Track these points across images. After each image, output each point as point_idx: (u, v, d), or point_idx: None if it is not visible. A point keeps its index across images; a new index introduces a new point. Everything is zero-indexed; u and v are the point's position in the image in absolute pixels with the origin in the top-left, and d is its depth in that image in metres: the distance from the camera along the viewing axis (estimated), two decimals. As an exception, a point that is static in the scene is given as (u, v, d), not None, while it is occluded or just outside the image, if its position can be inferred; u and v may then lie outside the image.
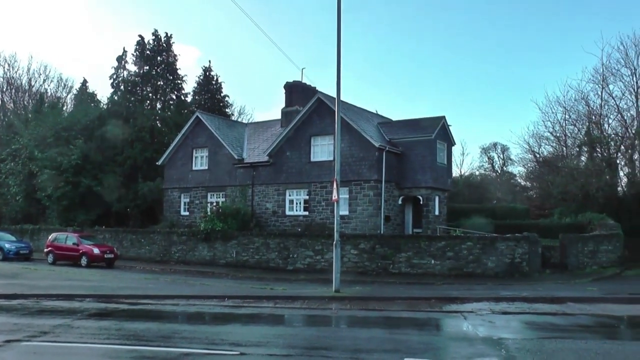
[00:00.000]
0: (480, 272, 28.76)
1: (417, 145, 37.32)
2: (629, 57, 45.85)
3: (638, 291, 23.69)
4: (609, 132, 47.13)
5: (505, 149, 73.26)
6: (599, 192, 42.37)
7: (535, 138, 53.73)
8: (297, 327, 16.61)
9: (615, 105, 47.09)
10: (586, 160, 48.09)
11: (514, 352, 12.25)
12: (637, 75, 45.42)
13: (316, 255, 31.32)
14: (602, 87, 47.72)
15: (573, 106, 49.64)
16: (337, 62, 23.54)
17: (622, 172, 46.98)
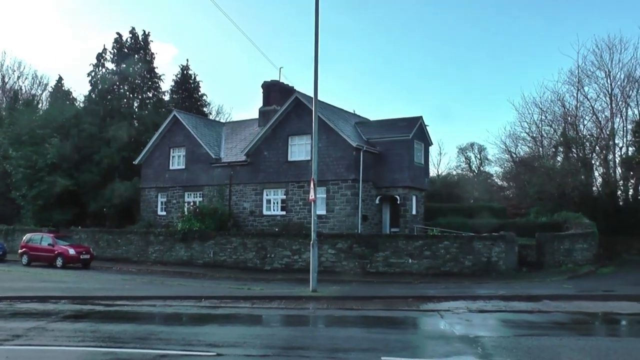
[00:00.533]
0: (458, 271, 28.95)
1: (394, 145, 37.42)
2: (603, 59, 46.63)
3: (612, 289, 24.06)
4: (584, 133, 47.83)
5: (482, 149, 73.79)
6: (575, 191, 42.91)
7: (511, 138, 54.38)
8: (275, 327, 16.65)
9: (590, 107, 47.83)
10: (562, 160, 48.70)
11: (490, 350, 12.36)
12: (612, 78, 46.24)
13: (294, 255, 31.32)
14: (577, 88, 48.49)
15: (549, 107, 50.40)
16: (315, 61, 23.58)
17: (597, 172, 47.68)
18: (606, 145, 46.52)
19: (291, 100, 38.03)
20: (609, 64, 46.49)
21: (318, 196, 32.05)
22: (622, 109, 46.59)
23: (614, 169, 46.85)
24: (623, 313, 19.07)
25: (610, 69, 46.48)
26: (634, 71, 45.97)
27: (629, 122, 46.32)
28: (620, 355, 12.05)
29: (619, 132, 46.92)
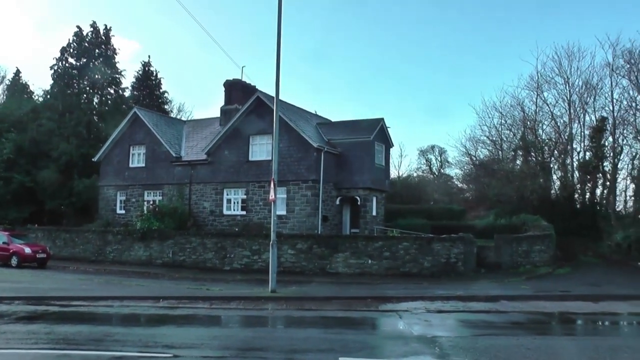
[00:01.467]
0: (417, 272, 29.10)
1: (355, 147, 37.59)
2: (562, 66, 47.77)
3: (569, 289, 24.61)
4: (543, 137, 48.86)
5: (442, 151, 74.41)
6: (533, 194, 43.66)
7: (472, 141, 55.06)
8: (233, 328, 16.58)
9: (549, 112, 48.92)
10: (521, 163, 49.54)
11: (447, 350, 12.47)
12: (570, 85, 47.34)
13: (253, 255, 31.16)
14: (537, 94, 49.60)
15: (509, 111, 51.35)
16: (277, 61, 23.52)
17: (555, 175, 48.76)
18: (564, 150, 47.52)
19: (253, 99, 37.89)
20: (567, 71, 47.66)
21: (278, 196, 32.08)
22: (580, 115, 47.63)
23: (571, 173, 47.83)
24: (579, 312, 19.52)
25: (569, 75, 47.62)
26: (591, 79, 47.13)
27: (586, 128, 47.43)
28: (574, 354, 12.35)
29: (577, 137, 48.01)
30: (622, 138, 45.92)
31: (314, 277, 28.23)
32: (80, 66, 52.63)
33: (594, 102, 47.15)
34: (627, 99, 45.02)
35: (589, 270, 33.48)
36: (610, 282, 28.48)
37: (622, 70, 44.98)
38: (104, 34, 54.45)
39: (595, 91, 46.90)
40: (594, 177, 46.68)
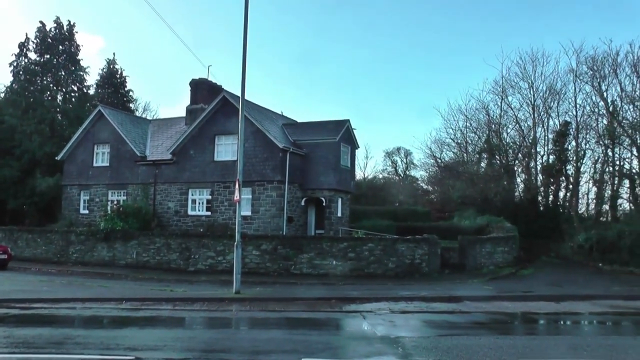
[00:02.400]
0: (381, 273, 29.16)
1: (321, 148, 37.68)
2: (526, 71, 48.68)
3: (531, 289, 24.97)
4: (507, 140, 49.68)
5: (408, 153, 75.01)
6: (497, 196, 44.23)
7: (437, 144, 55.69)
8: (196, 330, 16.40)
9: (513, 116, 49.71)
10: (485, 166, 50.16)
11: (410, 350, 12.54)
12: (534, 89, 48.23)
13: (218, 256, 30.94)
14: (501, 98, 50.42)
15: (474, 115, 52.06)
16: (243, 61, 23.43)
17: (519, 178, 49.57)
18: (528, 153, 48.26)
19: (219, 99, 37.78)
20: (532, 76, 48.56)
21: (244, 197, 32.00)
22: (543, 119, 48.47)
23: (535, 175, 48.58)
24: (541, 312, 19.71)
25: (533, 80, 48.53)
26: (555, 84, 48.10)
27: (550, 132, 48.27)
28: (536, 353, 12.43)
29: (541, 140, 48.83)
30: (584, 142, 46.86)
31: (279, 278, 28.11)
32: (43, 62, 52.09)
33: (558, 107, 48.10)
34: (590, 104, 45.88)
35: (551, 271, 33.89)
36: (572, 282, 28.86)
37: (585, 77, 45.81)
38: (67, 29, 53.87)
39: (559, 96, 47.87)
40: (557, 180, 47.52)
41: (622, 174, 43.70)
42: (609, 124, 43.43)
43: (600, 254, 35.97)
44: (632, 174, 42.39)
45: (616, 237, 35.41)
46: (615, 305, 21.69)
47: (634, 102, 42.31)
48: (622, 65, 43.22)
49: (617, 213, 44.00)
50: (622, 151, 44.41)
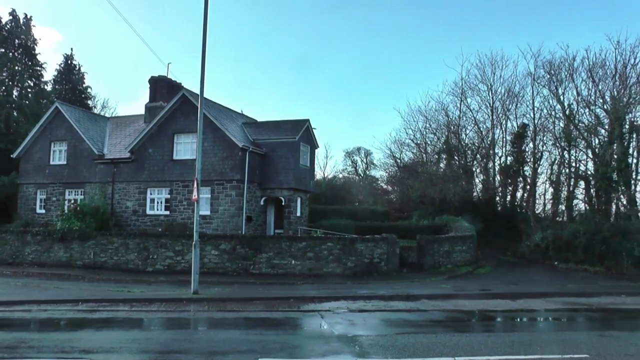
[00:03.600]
0: (340, 272, 29.25)
1: (280, 147, 37.71)
2: (485, 74, 49.51)
3: (488, 287, 25.44)
4: (466, 141, 50.39)
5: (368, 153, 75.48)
6: (456, 196, 44.73)
7: (397, 144, 56.11)
8: (153, 331, 16.28)
9: (472, 117, 50.40)
10: (444, 166, 50.77)
11: (367, 348, 12.68)
12: (493, 92, 48.99)
13: (177, 256, 30.63)
14: (461, 99, 51.17)
15: (433, 116, 52.67)
16: (202, 59, 23.29)
17: (477, 178, 50.29)
18: (486, 154, 48.96)
19: (178, 97, 37.53)
20: (491, 79, 49.41)
21: (203, 196, 31.94)
22: (502, 121, 49.25)
23: (493, 176, 49.32)
24: (497, 310, 20.12)
25: (492, 83, 49.40)
26: (513, 87, 48.98)
27: (508, 134, 49.09)
28: (490, 349, 12.60)
29: (499, 142, 49.59)
30: (542, 144, 47.78)
31: (238, 278, 28.00)
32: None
33: (516, 110, 49.00)
34: (547, 107, 46.88)
35: (508, 269, 34.55)
36: (528, 280, 29.45)
37: (542, 80, 46.73)
38: (23, 23, 53.04)
39: (517, 99, 48.77)
40: (514, 180, 48.34)
41: (578, 175, 44.60)
42: (566, 126, 44.34)
43: (556, 252, 36.72)
44: (587, 176, 43.30)
45: (571, 237, 36.22)
46: (569, 302, 22.27)
47: (590, 106, 43.33)
48: (578, 70, 44.23)
49: (573, 213, 44.83)
50: (578, 153, 45.52)
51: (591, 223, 37.25)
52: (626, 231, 35.56)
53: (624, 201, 41.10)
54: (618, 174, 39.25)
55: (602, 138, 42.04)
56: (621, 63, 41.52)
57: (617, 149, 39.22)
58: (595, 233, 35.38)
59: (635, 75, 41.06)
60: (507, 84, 49.95)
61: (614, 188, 40.10)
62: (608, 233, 35.31)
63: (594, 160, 42.37)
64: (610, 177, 39.49)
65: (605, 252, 34.82)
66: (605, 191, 40.72)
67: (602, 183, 39.98)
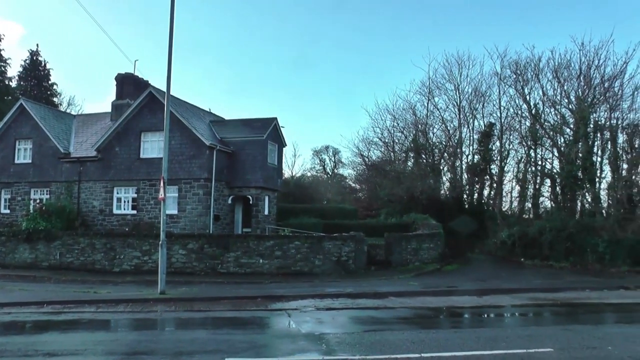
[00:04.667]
0: (308, 271, 29.31)
1: (248, 145, 37.63)
2: (452, 73, 49.98)
3: (455, 285, 25.74)
4: (433, 140, 50.81)
5: (336, 152, 75.69)
6: (423, 194, 45.06)
7: (365, 143, 56.26)
8: (119, 332, 16.14)
9: (440, 116, 50.88)
10: (412, 165, 51.11)
11: (334, 346, 12.73)
12: (460, 91, 49.44)
13: (144, 255, 30.31)
14: (428, 99, 51.57)
15: (401, 115, 52.97)
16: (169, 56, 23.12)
17: (445, 177, 50.79)
18: (454, 153, 49.39)
19: (145, 94, 37.21)
20: (458, 78, 49.86)
21: (170, 195, 31.76)
22: (469, 120, 49.68)
23: (460, 174, 49.76)
24: (464, 307, 20.34)
25: (459, 82, 49.84)
26: (480, 86, 49.42)
27: (475, 132, 49.57)
28: (456, 345, 12.75)
29: (466, 140, 50.04)
30: (508, 143, 48.28)
31: (205, 278, 27.84)
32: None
33: (483, 109, 49.42)
34: (514, 106, 47.43)
35: (475, 266, 34.95)
36: (495, 277, 29.80)
37: (509, 80, 47.28)
38: (-15, 17, 52.35)
39: (484, 98, 49.20)
40: (481, 178, 48.82)
41: (544, 173, 45.27)
42: (532, 125, 45.00)
43: (522, 249, 37.23)
44: (553, 174, 43.97)
45: (537, 233, 36.76)
46: (535, 298, 22.67)
47: (555, 105, 44.11)
48: (544, 71, 44.93)
49: (539, 210, 45.51)
50: (543, 152, 46.17)
51: (557, 220, 37.84)
52: (591, 228, 36.32)
53: (588, 198, 41.85)
54: (583, 172, 39.92)
55: (568, 137, 42.75)
56: (585, 64, 42.28)
57: (582, 148, 39.89)
58: (561, 230, 35.99)
59: (599, 77, 41.95)
60: (474, 84, 50.48)
61: (579, 186, 40.78)
62: (573, 230, 35.99)
63: (560, 159, 43.03)
64: (576, 175, 40.15)
65: (570, 248, 35.49)
66: (570, 189, 41.40)
67: (567, 181, 40.64)
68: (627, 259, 33.83)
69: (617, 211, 38.67)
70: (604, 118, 41.88)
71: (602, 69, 41.89)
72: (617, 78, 41.39)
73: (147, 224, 35.22)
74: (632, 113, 41.10)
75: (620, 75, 41.28)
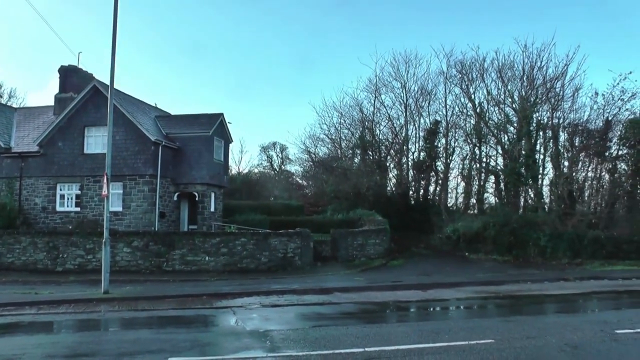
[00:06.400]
0: (254, 267, 29.36)
1: (194, 141, 37.34)
2: (399, 72, 50.51)
3: (400, 279, 26.09)
4: (380, 137, 51.40)
5: (284, 148, 75.46)
6: (370, 191, 45.50)
7: (312, 139, 56.47)
8: (60, 334, 15.75)
9: (386, 114, 51.41)
10: (359, 161, 51.53)
11: (278, 343, 12.71)
12: (407, 89, 50.04)
13: (88, 254, 29.76)
14: (375, 96, 52.02)
15: (348, 112, 53.42)
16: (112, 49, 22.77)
17: (391, 173, 51.39)
18: (400, 150, 49.99)
19: (89, 88, 36.45)
20: (404, 76, 50.44)
21: (114, 192, 31.33)
22: (415, 118, 50.26)
23: (406, 171, 50.40)
24: (408, 301, 20.60)
25: (406, 80, 50.39)
26: (426, 85, 50.29)
27: (421, 130, 50.21)
28: (400, 339, 12.84)
29: (412, 138, 50.73)
30: (454, 140, 49.18)
31: (150, 276, 27.64)
32: None
33: (429, 107, 50.14)
34: (459, 105, 48.19)
35: (421, 261, 35.39)
36: (439, 271, 30.30)
37: (454, 79, 48.03)
38: None
39: (430, 96, 49.93)
40: (427, 175, 49.53)
41: (488, 170, 46.20)
42: (477, 124, 45.89)
43: (467, 244, 37.91)
44: (497, 171, 44.97)
45: (481, 228, 37.52)
46: (478, 291, 23.17)
47: (499, 104, 45.01)
48: (488, 71, 45.83)
49: (483, 206, 46.28)
50: (488, 149, 47.21)
51: (500, 215, 38.64)
52: (533, 222, 37.41)
53: (531, 194, 42.90)
54: (526, 169, 40.87)
55: (511, 135, 43.74)
56: (528, 65, 43.37)
57: (525, 146, 40.83)
58: (504, 225, 36.86)
59: (542, 77, 43.18)
60: (420, 82, 51.15)
61: (522, 182, 41.69)
62: (516, 224, 36.99)
63: (504, 156, 43.98)
64: (519, 172, 41.06)
65: (513, 242, 36.46)
66: (514, 185, 42.30)
67: (511, 177, 41.53)
68: (568, 251, 34.99)
69: (558, 206, 39.71)
70: (546, 117, 43.06)
71: (544, 70, 43.16)
72: (559, 79, 42.72)
73: (91, 222, 34.60)
74: (572, 113, 42.43)
75: (561, 76, 42.60)
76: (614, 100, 40.41)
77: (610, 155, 41.85)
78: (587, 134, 41.62)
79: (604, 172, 42.31)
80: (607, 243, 35.09)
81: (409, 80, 50.40)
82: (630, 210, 40.35)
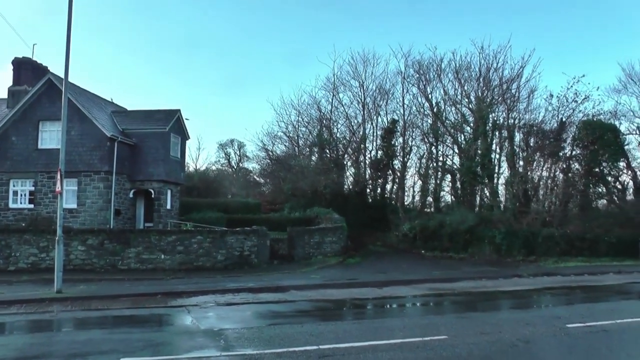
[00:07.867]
0: (210, 266, 29.16)
1: (150, 137, 37.05)
2: (357, 71, 51.11)
3: (356, 277, 26.26)
4: (338, 135, 51.80)
5: (241, 145, 75.43)
6: (327, 189, 45.73)
7: (269, 137, 56.65)
8: (10, 336, 15.29)
9: (344, 112, 52.03)
10: (316, 159, 51.65)
11: (232, 342, 12.73)
12: (365, 88, 50.64)
13: (41, 252, 29.01)
14: (333, 94, 52.50)
15: (306, 110, 53.82)
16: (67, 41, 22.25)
17: (348, 172, 51.81)
18: (358, 148, 50.41)
19: (43, 81, 35.78)
20: (362, 76, 51.10)
21: (69, 188, 30.89)
22: (373, 117, 50.79)
23: (364, 169, 50.88)
24: (364, 298, 20.82)
25: (364, 80, 51.06)
26: (384, 84, 50.92)
27: (378, 129, 50.81)
28: (354, 337, 12.98)
29: (370, 136, 51.28)
30: (411, 139, 50.00)
31: (105, 275, 27.12)
32: None
33: (386, 106, 50.85)
34: (416, 104, 48.98)
35: (377, 258, 35.66)
36: (396, 268, 30.56)
37: (412, 79, 48.85)
38: None
39: (387, 96, 50.64)
40: (384, 173, 50.00)
41: (445, 169, 46.82)
42: (433, 123, 46.57)
43: (423, 242, 38.39)
44: (454, 169, 45.59)
45: (438, 226, 38.04)
46: (434, 288, 23.53)
47: (456, 105, 45.82)
48: (445, 71, 46.76)
49: (440, 204, 46.84)
50: (445, 148, 48.03)
51: (457, 214, 39.10)
52: (489, 220, 38.05)
53: (487, 193, 43.57)
54: (482, 168, 41.51)
55: (468, 135, 44.39)
56: (485, 67, 44.27)
57: (481, 145, 41.48)
58: (460, 223, 37.39)
59: (498, 79, 44.34)
60: (378, 81, 51.79)
61: (478, 181, 42.31)
62: (472, 223, 37.39)
63: (460, 155, 44.59)
64: (475, 171, 41.68)
65: (469, 240, 37.06)
66: (470, 184, 42.91)
67: (467, 176, 42.13)
68: (522, 249, 35.80)
69: (513, 205, 40.42)
70: (502, 118, 43.84)
71: (501, 72, 44.23)
72: (514, 81, 43.79)
73: (45, 219, 33.98)
74: (528, 114, 43.50)
75: (517, 78, 43.68)
76: (568, 102, 41.50)
77: (564, 155, 42.79)
78: (541, 134, 42.47)
79: (558, 171, 43.27)
80: (561, 240, 35.90)
81: (367, 80, 51.04)
82: (583, 209, 41.35)
